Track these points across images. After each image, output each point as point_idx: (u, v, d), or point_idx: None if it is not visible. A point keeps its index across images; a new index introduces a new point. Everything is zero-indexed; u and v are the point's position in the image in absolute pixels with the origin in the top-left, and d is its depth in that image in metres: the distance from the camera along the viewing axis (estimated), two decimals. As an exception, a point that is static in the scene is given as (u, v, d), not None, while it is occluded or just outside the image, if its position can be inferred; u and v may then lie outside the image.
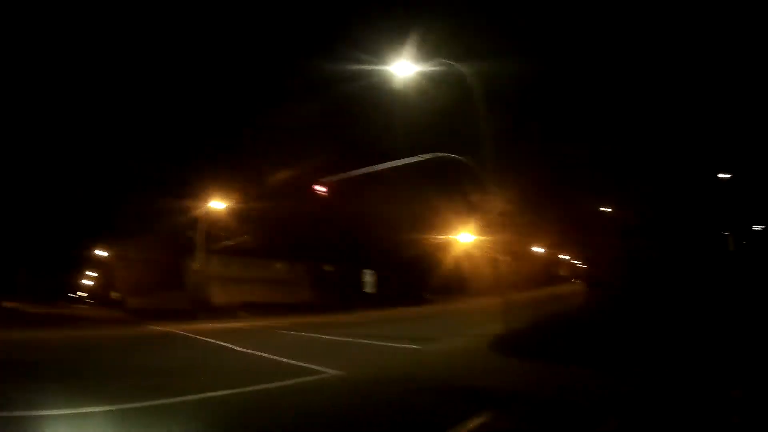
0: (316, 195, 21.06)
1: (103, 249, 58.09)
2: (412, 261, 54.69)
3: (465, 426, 5.44)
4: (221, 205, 38.58)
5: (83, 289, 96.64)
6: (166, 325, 31.33)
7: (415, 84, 16.97)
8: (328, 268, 62.64)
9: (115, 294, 59.17)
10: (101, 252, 58.49)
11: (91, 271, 77.80)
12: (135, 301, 58.69)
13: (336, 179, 21.00)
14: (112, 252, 57.76)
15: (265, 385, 8.49)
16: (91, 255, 60.49)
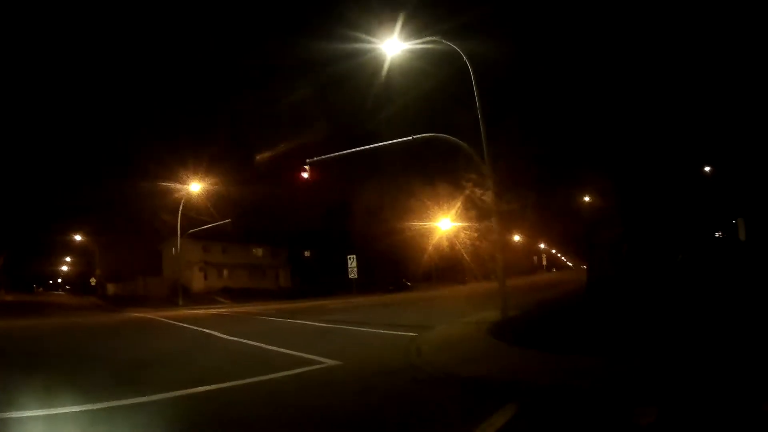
0: (299, 179, 20.39)
1: (81, 234, 56.72)
2: (394, 247, 54.40)
3: (495, 422, 5.01)
4: (200, 188, 37.58)
5: (61, 276, 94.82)
6: (146, 312, 30.70)
7: (407, 63, 16.43)
8: (308, 253, 62.09)
9: (93, 280, 57.84)
10: (79, 237, 57.06)
11: (69, 257, 76.36)
12: (113, 288, 57.70)
13: (320, 161, 20.33)
14: (90, 237, 56.42)
15: (259, 378, 7.96)
16: (69, 241, 59.00)
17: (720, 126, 28.47)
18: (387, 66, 16.25)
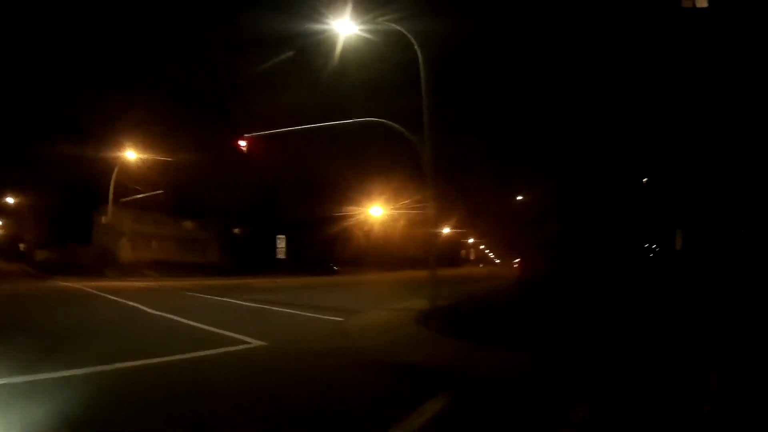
0: (236, 150, 19.87)
1: (11, 197, 53.17)
2: (324, 230, 54.15)
3: (423, 412, 4.94)
4: (135, 156, 35.92)
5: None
6: (74, 281, 29.62)
7: (362, 46, 16.15)
8: (238, 230, 60.84)
9: (22, 246, 54.52)
10: (8, 199, 53.47)
11: None
12: (42, 254, 54.51)
13: (259, 136, 19.86)
14: (19, 201, 52.98)
15: (185, 355, 7.64)
16: (-1, 202, 55.21)
17: (661, 138, 29.80)
18: (339, 48, 15.94)
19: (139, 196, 39.52)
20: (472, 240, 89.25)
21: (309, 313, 13.95)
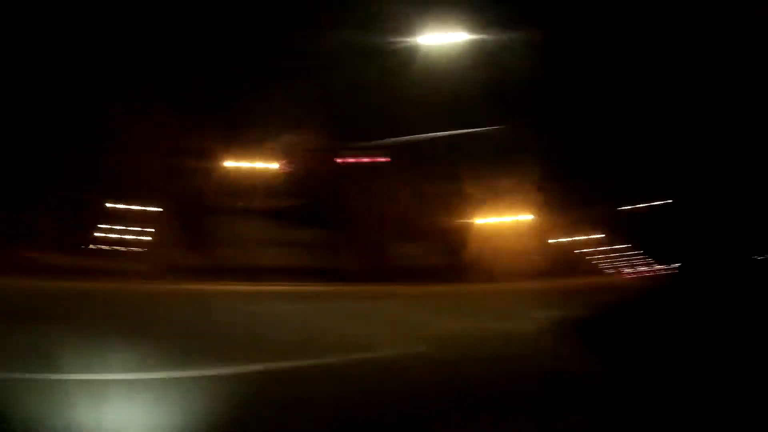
0: (371, 163, 20.76)
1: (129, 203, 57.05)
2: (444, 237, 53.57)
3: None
4: (261, 165, 37.84)
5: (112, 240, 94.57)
6: (212, 284, 27.99)
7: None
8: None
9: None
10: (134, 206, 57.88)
11: (120, 222, 76.46)
12: (163, 255, 58.14)
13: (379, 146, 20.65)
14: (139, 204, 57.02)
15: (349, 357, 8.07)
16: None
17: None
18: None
19: (258, 203, 41.32)
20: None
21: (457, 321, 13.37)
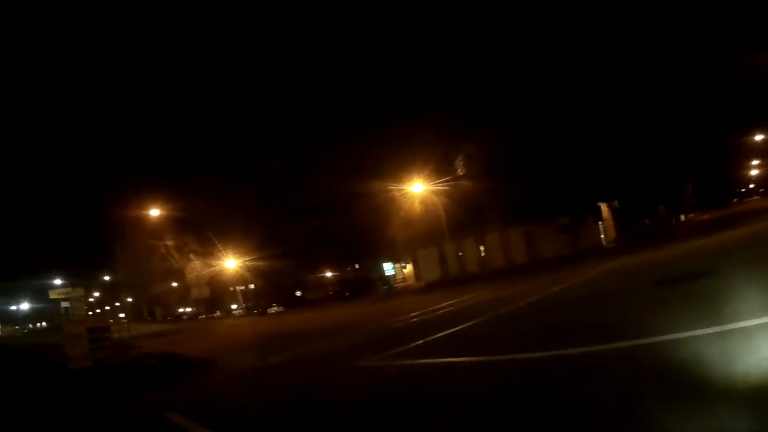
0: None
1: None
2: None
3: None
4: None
5: (751, 180, 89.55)
6: None
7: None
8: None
9: None
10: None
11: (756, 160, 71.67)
12: None
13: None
14: None
15: None
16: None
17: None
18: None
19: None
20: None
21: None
